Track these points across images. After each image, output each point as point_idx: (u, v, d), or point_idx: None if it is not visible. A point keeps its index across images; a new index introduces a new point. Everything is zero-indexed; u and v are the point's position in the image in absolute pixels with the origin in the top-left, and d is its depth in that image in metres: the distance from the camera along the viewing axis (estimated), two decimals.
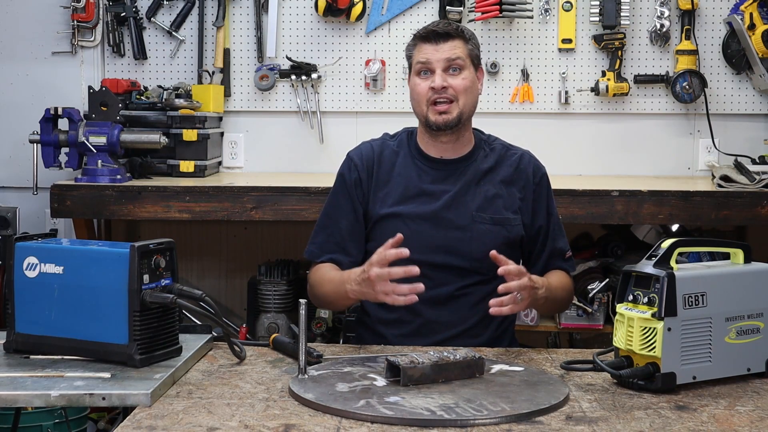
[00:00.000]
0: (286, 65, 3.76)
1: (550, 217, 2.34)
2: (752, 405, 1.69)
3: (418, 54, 2.28)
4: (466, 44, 2.28)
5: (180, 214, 3.19)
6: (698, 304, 1.77)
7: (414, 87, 2.29)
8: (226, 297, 3.92)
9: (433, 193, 2.29)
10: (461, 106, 2.25)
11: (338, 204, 2.34)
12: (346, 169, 2.35)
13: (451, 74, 2.25)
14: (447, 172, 2.30)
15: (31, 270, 1.90)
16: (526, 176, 2.33)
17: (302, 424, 1.56)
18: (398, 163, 2.33)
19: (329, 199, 2.37)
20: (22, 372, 1.79)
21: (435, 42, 2.26)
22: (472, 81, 2.27)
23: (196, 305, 1.88)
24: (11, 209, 3.53)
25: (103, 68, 3.79)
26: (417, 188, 2.29)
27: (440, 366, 1.76)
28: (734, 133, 3.75)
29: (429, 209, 2.27)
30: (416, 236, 2.25)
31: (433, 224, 2.26)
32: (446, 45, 2.25)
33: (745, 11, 3.62)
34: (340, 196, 2.34)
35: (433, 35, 2.26)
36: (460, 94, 2.24)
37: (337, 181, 2.37)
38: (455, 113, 2.24)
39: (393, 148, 2.35)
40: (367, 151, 2.36)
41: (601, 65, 3.73)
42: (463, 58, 2.26)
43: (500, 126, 2.46)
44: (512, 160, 2.34)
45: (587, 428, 1.56)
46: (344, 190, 2.34)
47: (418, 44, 2.29)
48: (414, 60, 2.29)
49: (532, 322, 3.42)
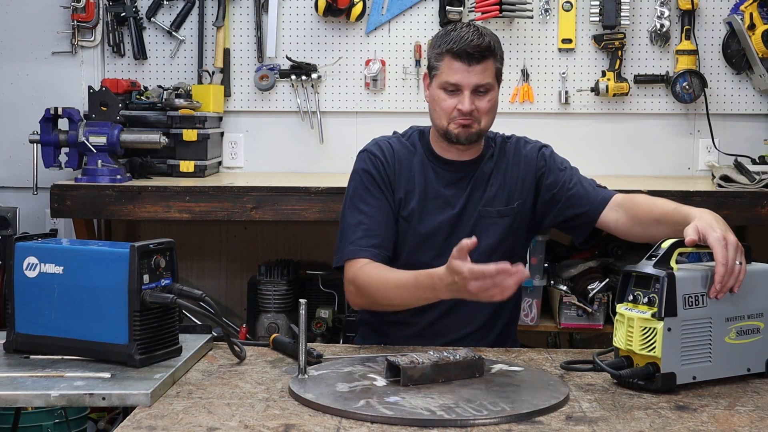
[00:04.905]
0: (286, 65, 3.76)
1: (564, 171, 2.30)
2: (752, 405, 1.69)
3: (448, 71, 2.19)
4: (495, 63, 2.23)
5: (180, 214, 3.19)
6: (698, 304, 1.77)
7: (438, 101, 2.22)
8: (226, 297, 3.92)
9: (448, 198, 2.27)
10: (483, 125, 2.23)
11: (368, 200, 2.24)
12: (369, 164, 2.26)
13: (479, 96, 2.20)
14: (461, 173, 2.29)
15: (31, 270, 1.90)
16: (526, 158, 2.31)
17: (302, 424, 1.56)
18: (415, 163, 2.29)
19: (351, 199, 2.25)
20: (22, 372, 1.79)
21: (468, 63, 2.18)
22: (496, 101, 2.25)
23: (196, 305, 1.88)
24: (11, 209, 3.53)
25: (103, 68, 3.79)
26: (435, 191, 2.27)
27: (440, 366, 1.76)
28: (734, 133, 3.75)
29: (444, 216, 2.26)
30: (431, 242, 2.25)
31: (448, 231, 2.25)
32: (478, 67, 2.18)
33: (745, 11, 3.62)
34: (371, 188, 2.24)
35: (466, 56, 2.17)
36: (484, 115, 2.22)
37: (359, 177, 2.26)
38: (476, 129, 2.22)
39: (408, 148, 2.32)
40: (386, 147, 2.30)
41: (601, 65, 3.73)
42: (492, 82, 2.22)
43: (500, 126, 2.45)
44: (510, 147, 2.33)
45: (587, 428, 1.56)
46: (373, 183, 2.24)
47: (447, 58, 2.20)
48: (441, 74, 2.20)
49: (532, 322, 3.42)
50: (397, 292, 2.08)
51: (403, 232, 2.27)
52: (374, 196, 2.24)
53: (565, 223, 2.30)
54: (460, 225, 2.27)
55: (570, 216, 2.28)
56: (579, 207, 2.26)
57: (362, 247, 2.18)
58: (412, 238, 2.27)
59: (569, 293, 3.36)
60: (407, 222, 2.27)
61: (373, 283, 2.13)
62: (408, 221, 2.27)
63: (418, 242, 2.26)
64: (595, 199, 2.26)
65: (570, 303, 3.36)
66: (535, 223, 2.34)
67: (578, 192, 2.27)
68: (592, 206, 2.25)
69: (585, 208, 2.26)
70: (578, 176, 2.32)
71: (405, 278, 2.06)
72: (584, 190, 2.28)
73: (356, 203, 2.25)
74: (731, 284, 1.79)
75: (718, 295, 1.78)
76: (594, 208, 2.25)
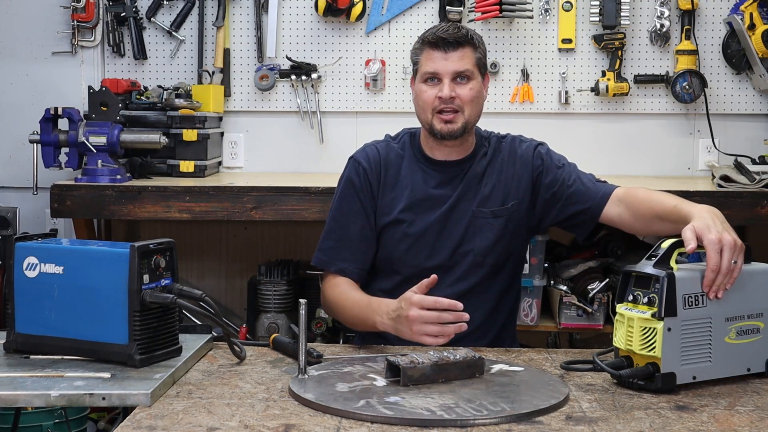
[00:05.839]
0: (286, 65, 3.76)
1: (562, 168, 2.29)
2: (752, 405, 1.69)
3: (426, 62, 2.23)
4: (474, 52, 2.24)
5: (180, 214, 3.19)
6: (698, 304, 1.77)
7: (420, 94, 2.25)
8: (226, 297, 3.92)
9: (437, 198, 2.28)
10: (467, 116, 2.23)
11: (347, 209, 2.30)
12: (354, 173, 2.31)
13: (459, 83, 2.22)
14: (451, 173, 2.30)
15: (31, 270, 1.90)
16: (522, 157, 2.31)
17: (302, 424, 1.56)
18: (404, 166, 2.31)
19: (336, 204, 2.32)
20: (22, 372, 1.79)
21: (444, 50, 2.21)
22: (478, 90, 2.25)
23: (196, 305, 1.88)
24: (11, 209, 3.53)
25: (103, 68, 3.79)
26: (423, 193, 2.28)
27: (440, 366, 1.76)
28: (734, 133, 3.75)
29: (434, 216, 2.27)
30: (422, 242, 2.26)
31: (438, 230, 2.26)
32: (455, 54, 2.21)
33: (745, 11, 3.62)
34: (349, 200, 2.30)
35: (442, 42, 2.21)
36: (467, 104, 2.22)
37: (344, 185, 2.32)
38: (460, 123, 2.23)
39: (398, 151, 2.33)
40: (373, 154, 2.32)
41: (601, 65, 3.73)
42: (471, 69, 2.23)
43: (500, 126, 2.45)
44: (504, 146, 2.33)
45: (587, 428, 1.56)
46: (353, 194, 2.29)
47: (425, 50, 2.24)
48: (421, 67, 2.25)
49: (532, 322, 3.42)
50: (350, 312, 2.21)
51: (393, 235, 2.28)
52: (351, 208, 2.30)
53: (566, 221, 2.30)
54: (450, 224, 2.27)
55: (571, 213, 2.27)
56: (580, 204, 2.26)
57: (331, 260, 2.29)
58: (404, 241, 2.28)
59: (569, 293, 3.36)
60: (397, 225, 2.28)
61: (337, 301, 2.25)
62: (397, 224, 2.28)
63: (409, 244, 2.28)
64: (596, 195, 2.25)
65: (570, 303, 3.36)
66: (535, 222, 2.33)
67: (578, 189, 2.27)
68: (594, 202, 2.24)
69: (586, 205, 2.25)
70: (577, 172, 2.31)
71: (358, 299, 2.20)
72: (584, 187, 2.27)
73: (335, 210, 2.32)
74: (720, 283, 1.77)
75: (718, 294, 1.78)
76: (596, 205, 2.24)
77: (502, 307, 2.32)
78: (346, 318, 2.25)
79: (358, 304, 2.18)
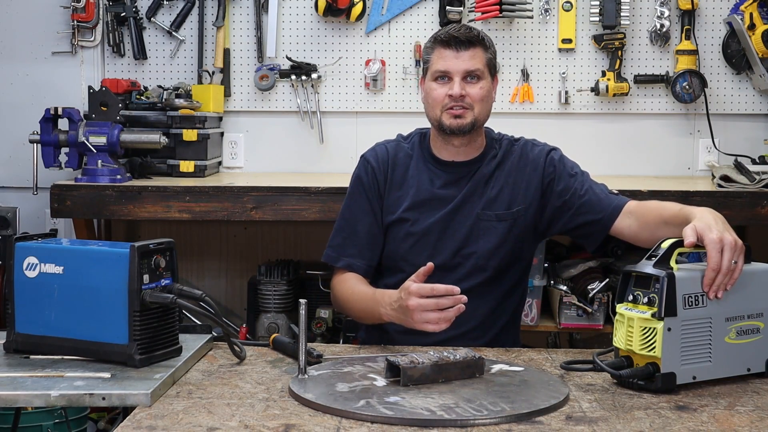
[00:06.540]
0: (286, 65, 3.76)
1: (575, 177, 2.29)
2: (752, 405, 1.69)
3: (437, 60, 2.25)
4: (485, 52, 2.26)
5: (180, 214, 3.19)
6: (698, 304, 1.77)
7: (430, 92, 2.27)
8: (226, 297, 3.92)
9: (442, 198, 2.29)
10: (476, 113, 2.25)
11: (356, 207, 2.34)
12: (363, 172, 2.35)
13: (469, 82, 2.24)
14: (458, 174, 2.30)
15: (31, 270, 1.90)
16: (533, 162, 2.31)
17: (302, 424, 1.56)
18: (411, 166, 2.33)
19: (346, 202, 2.37)
20: (22, 372, 1.79)
21: (456, 49, 2.23)
22: (488, 90, 2.27)
23: (196, 305, 1.88)
24: (11, 209, 3.53)
25: (103, 68, 3.79)
26: (428, 192, 2.30)
27: (440, 366, 1.76)
28: (734, 133, 3.75)
29: (437, 215, 2.28)
30: (424, 241, 2.27)
31: (441, 229, 2.27)
32: (467, 53, 2.23)
33: (745, 11, 3.62)
34: (358, 198, 2.34)
35: (454, 41, 2.23)
36: (476, 103, 2.24)
37: (353, 183, 2.36)
38: (469, 119, 2.24)
39: (407, 151, 2.35)
40: (382, 153, 2.35)
41: (601, 65, 3.73)
42: (482, 69, 2.25)
43: (500, 126, 2.45)
44: (516, 150, 2.33)
45: (587, 428, 1.56)
46: (362, 192, 2.33)
47: (437, 48, 2.26)
48: (432, 66, 2.26)
49: (532, 322, 3.42)
50: (357, 306, 2.24)
51: (398, 233, 2.31)
52: (359, 205, 2.33)
53: (576, 230, 2.29)
54: (454, 225, 2.28)
55: (581, 223, 2.27)
56: (591, 214, 2.25)
57: (339, 256, 2.32)
58: (407, 239, 2.30)
59: (569, 293, 3.36)
60: (401, 224, 2.30)
61: (344, 295, 2.29)
62: (401, 223, 2.30)
63: (412, 243, 2.30)
64: (608, 207, 2.24)
65: (570, 303, 3.36)
66: (543, 228, 2.33)
67: (590, 199, 2.26)
68: (605, 214, 2.23)
69: (598, 216, 2.24)
70: (589, 182, 2.30)
71: (364, 292, 2.23)
72: (596, 197, 2.26)
73: (345, 208, 2.37)
74: (720, 283, 1.77)
75: (718, 294, 1.78)
76: (607, 216, 2.23)
77: (504, 308, 2.32)
78: (354, 312, 2.29)
79: (363, 297, 2.22)
